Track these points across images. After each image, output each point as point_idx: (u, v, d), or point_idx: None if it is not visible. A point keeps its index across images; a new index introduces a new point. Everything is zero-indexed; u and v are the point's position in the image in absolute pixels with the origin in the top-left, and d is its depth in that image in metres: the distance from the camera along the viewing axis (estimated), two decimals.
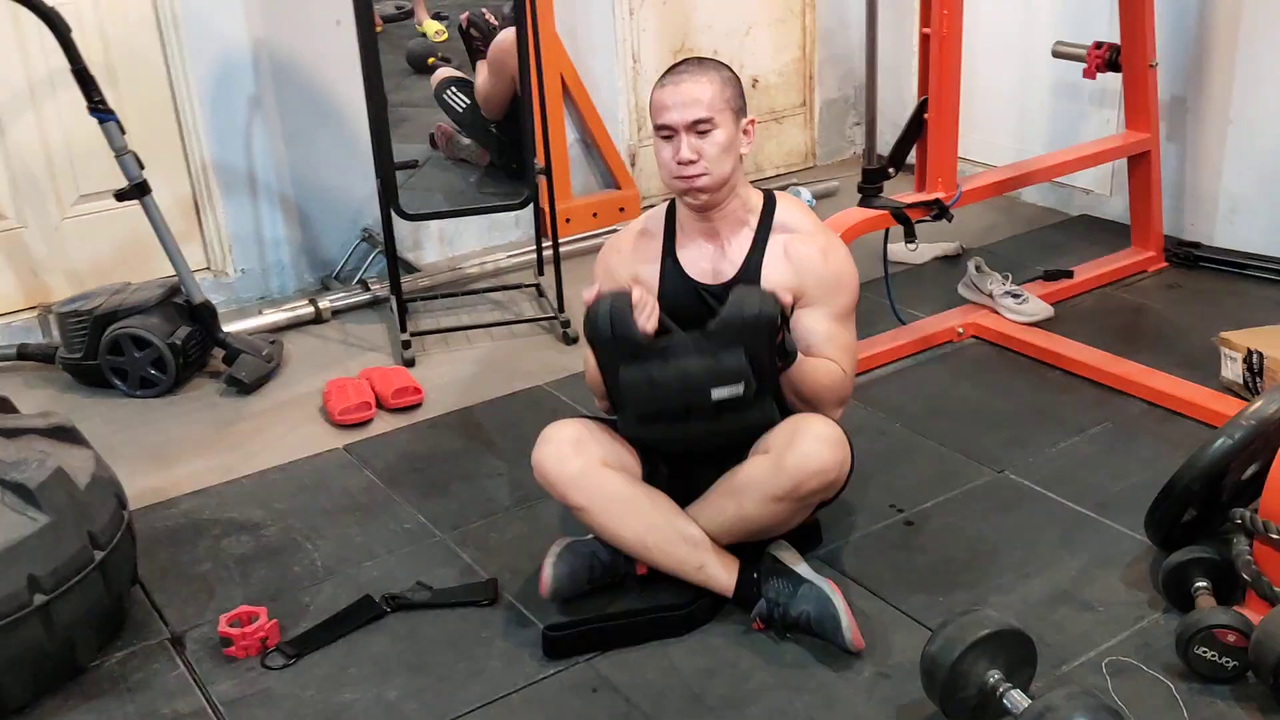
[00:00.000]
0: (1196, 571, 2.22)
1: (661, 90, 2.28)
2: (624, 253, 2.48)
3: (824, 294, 2.34)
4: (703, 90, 2.24)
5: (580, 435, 2.32)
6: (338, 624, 2.37)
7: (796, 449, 2.22)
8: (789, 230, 2.37)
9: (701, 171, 2.26)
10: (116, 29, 3.61)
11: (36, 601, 2.11)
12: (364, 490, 2.87)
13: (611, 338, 2.18)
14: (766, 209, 2.39)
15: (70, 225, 3.72)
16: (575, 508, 2.31)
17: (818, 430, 2.24)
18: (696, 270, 2.39)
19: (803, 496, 2.25)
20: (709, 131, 2.24)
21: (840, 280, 2.36)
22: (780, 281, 2.29)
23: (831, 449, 2.23)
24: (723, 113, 2.26)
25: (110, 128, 3.20)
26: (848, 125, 5.25)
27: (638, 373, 2.21)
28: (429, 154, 3.89)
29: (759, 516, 2.28)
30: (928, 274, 3.95)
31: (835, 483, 2.29)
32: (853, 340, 2.41)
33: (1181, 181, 4.00)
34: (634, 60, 4.54)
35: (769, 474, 2.24)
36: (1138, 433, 2.94)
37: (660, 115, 2.27)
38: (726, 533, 2.32)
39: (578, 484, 2.28)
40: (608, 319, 2.17)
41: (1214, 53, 3.81)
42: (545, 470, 2.31)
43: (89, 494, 2.26)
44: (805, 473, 2.21)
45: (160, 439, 3.16)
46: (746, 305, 2.16)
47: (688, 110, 2.24)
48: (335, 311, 3.87)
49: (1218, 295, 3.68)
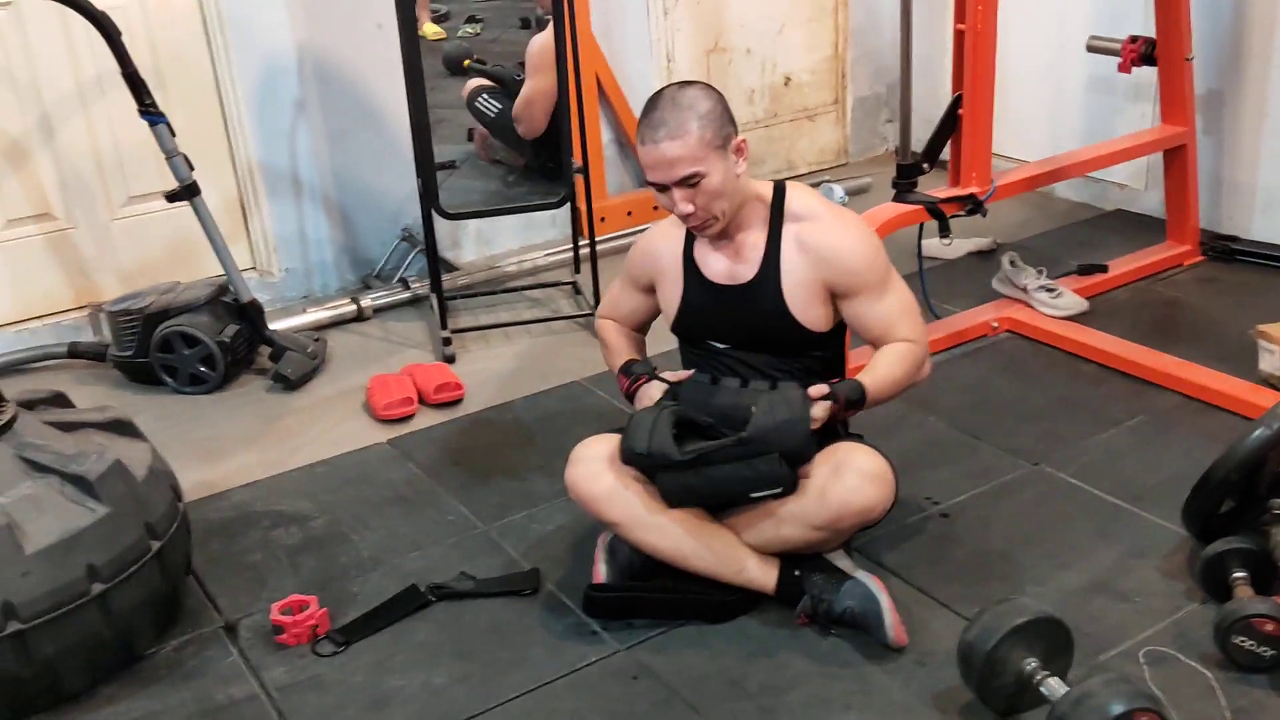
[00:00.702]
0: (1234, 562, 2.24)
1: (642, 149, 2.23)
2: (647, 251, 2.51)
3: (857, 279, 2.33)
4: (680, 147, 2.18)
5: (612, 452, 2.33)
6: (385, 612, 2.43)
7: (842, 483, 2.22)
8: (799, 219, 2.34)
9: (704, 218, 2.27)
10: (164, 33, 3.70)
11: (95, 590, 2.18)
12: (407, 483, 2.93)
13: (647, 454, 2.23)
14: (776, 201, 2.37)
15: (119, 226, 3.80)
16: (611, 523, 2.34)
17: (863, 465, 2.24)
18: (713, 272, 2.40)
19: (842, 530, 2.29)
20: (699, 182, 2.22)
21: (864, 258, 2.33)
22: (801, 278, 2.32)
23: (876, 486, 2.24)
24: (707, 158, 2.20)
25: (161, 130, 3.28)
26: (880, 122, 5.26)
27: (673, 481, 2.26)
28: (466, 155, 3.95)
29: (797, 541, 2.31)
30: (961, 269, 3.97)
31: (878, 518, 2.31)
32: (904, 298, 2.39)
33: (1218, 175, 4.00)
34: (668, 60, 4.57)
35: (811, 505, 2.25)
36: (1173, 425, 2.95)
37: (647, 173, 2.26)
38: (762, 549, 2.35)
39: (611, 500, 2.31)
40: (646, 440, 2.22)
41: (1250, 45, 3.80)
42: (578, 489, 2.35)
43: (146, 486, 2.33)
44: (849, 509, 2.23)
45: (210, 434, 3.23)
46: (778, 412, 2.20)
47: (671, 170, 2.20)
48: (377, 309, 3.94)
49: (1255, 289, 3.68)
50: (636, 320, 2.63)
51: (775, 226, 2.35)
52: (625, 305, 2.62)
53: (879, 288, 2.35)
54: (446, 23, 4.23)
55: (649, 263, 2.51)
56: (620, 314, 2.64)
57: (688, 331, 2.47)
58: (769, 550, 2.35)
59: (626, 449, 2.25)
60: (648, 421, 2.25)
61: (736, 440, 2.20)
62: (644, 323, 2.64)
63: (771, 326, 2.36)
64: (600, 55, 4.32)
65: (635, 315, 2.62)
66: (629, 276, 2.59)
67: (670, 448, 2.20)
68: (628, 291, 2.60)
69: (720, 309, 2.39)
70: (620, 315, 2.64)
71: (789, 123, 4.96)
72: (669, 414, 2.26)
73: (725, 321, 2.40)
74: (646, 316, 2.62)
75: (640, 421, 2.26)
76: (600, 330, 2.67)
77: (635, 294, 2.58)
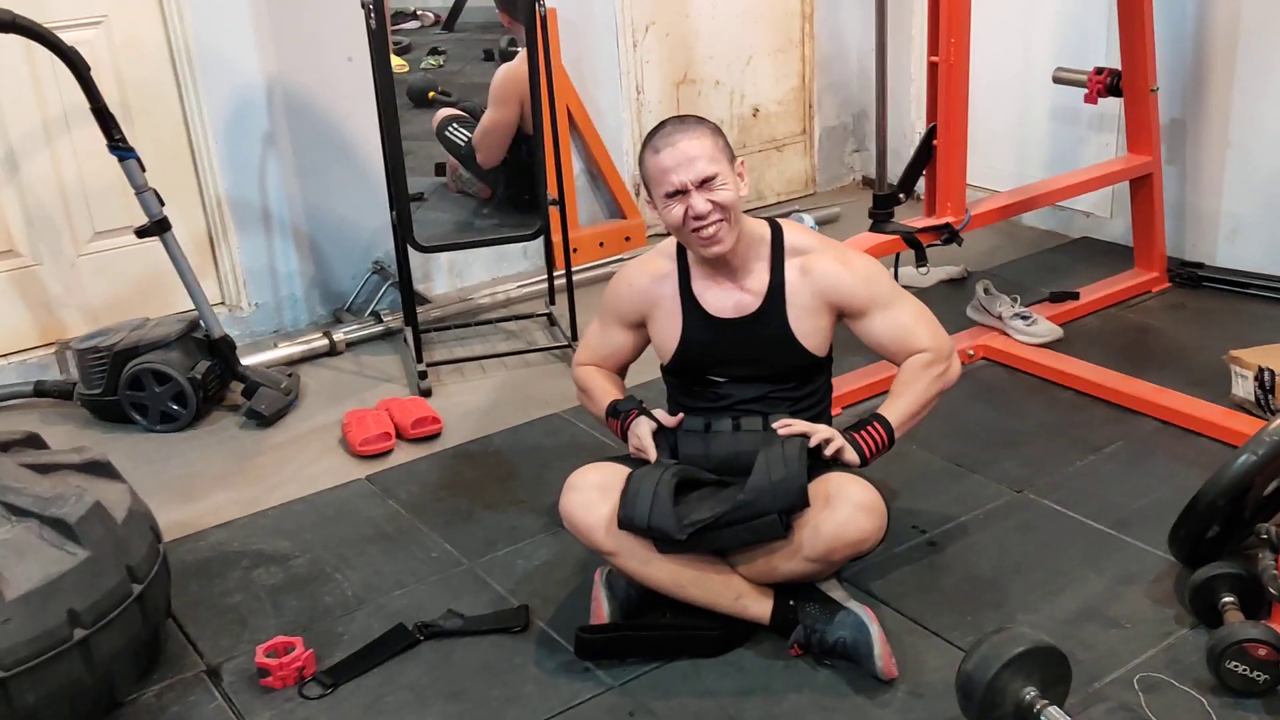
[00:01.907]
0: (1223, 587, 2.25)
1: (658, 156, 2.26)
2: (636, 287, 2.50)
3: (865, 297, 2.39)
4: (701, 146, 2.26)
5: (607, 480, 2.32)
6: (372, 653, 2.39)
7: (835, 516, 2.22)
8: (800, 252, 2.40)
9: (719, 219, 2.28)
10: (131, 67, 3.65)
11: (76, 636, 2.12)
12: (389, 520, 2.89)
13: (647, 529, 2.22)
14: (776, 237, 2.42)
15: (85, 262, 3.74)
16: (606, 553, 2.32)
17: (855, 497, 2.24)
18: (715, 307, 2.41)
19: (835, 561, 2.29)
20: (716, 185, 2.26)
21: (868, 275, 2.42)
22: (806, 305, 2.35)
23: (869, 517, 2.24)
24: (721, 162, 2.27)
25: (130, 165, 3.24)
26: (847, 152, 5.31)
27: (674, 548, 2.25)
28: (433, 187, 3.93)
29: (789, 572, 2.30)
30: (934, 297, 3.99)
31: (871, 549, 2.31)
32: (915, 306, 2.46)
33: (1182, 203, 4.07)
34: (638, 91, 4.59)
35: (805, 537, 2.24)
36: (1153, 451, 2.98)
37: (665, 179, 2.26)
38: (754, 580, 2.34)
39: (608, 529, 2.28)
40: (646, 513, 2.21)
41: (1212, 76, 3.88)
42: (574, 518, 2.32)
43: (126, 528, 2.28)
44: (842, 541, 2.23)
45: (183, 473, 3.17)
46: (774, 471, 2.20)
47: (694, 168, 2.24)
48: (349, 343, 3.90)
49: (1222, 314, 3.73)
50: (619, 361, 2.60)
51: (778, 260, 2.38)
52: (607, 346, 2.58)
53: (887, 301, 2.41)
54: (408, 55, 4.21)
55: (640, 300, 2.49)
56: (601, 356, 2.60)
57: (686, 366, 2.46)
58: (761, 581, 2.34)
59: (625, 518, 2.23)
60: (649, 491, 2.22)
61: (735, 506, 2.20)
62: (626, 363, 2.62)
63: (776, 354, 2.38)
64: (571, 86, 4.33)
65: (618, 355, 2.59)
66: (612, 315, 2.56)
67: (672, 525, 2.19)
68: (610, 331, 2.57)
69: (723, 342, 2.39)
70: (602, 358, 2.60)
71: (758, 153, 4.99)
72: (670, 480, 2.24)
73: (727, 354, 2.40)
74: (630, 355, 2.60)
75: (640, 491, 2.23)
76: (580, 379, 2.62)
77: (620, 332, 2.55)
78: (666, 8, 4.57)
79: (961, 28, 3.15)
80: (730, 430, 2.38)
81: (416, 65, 4.03)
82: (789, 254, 2.40)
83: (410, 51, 4.17)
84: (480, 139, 3.72)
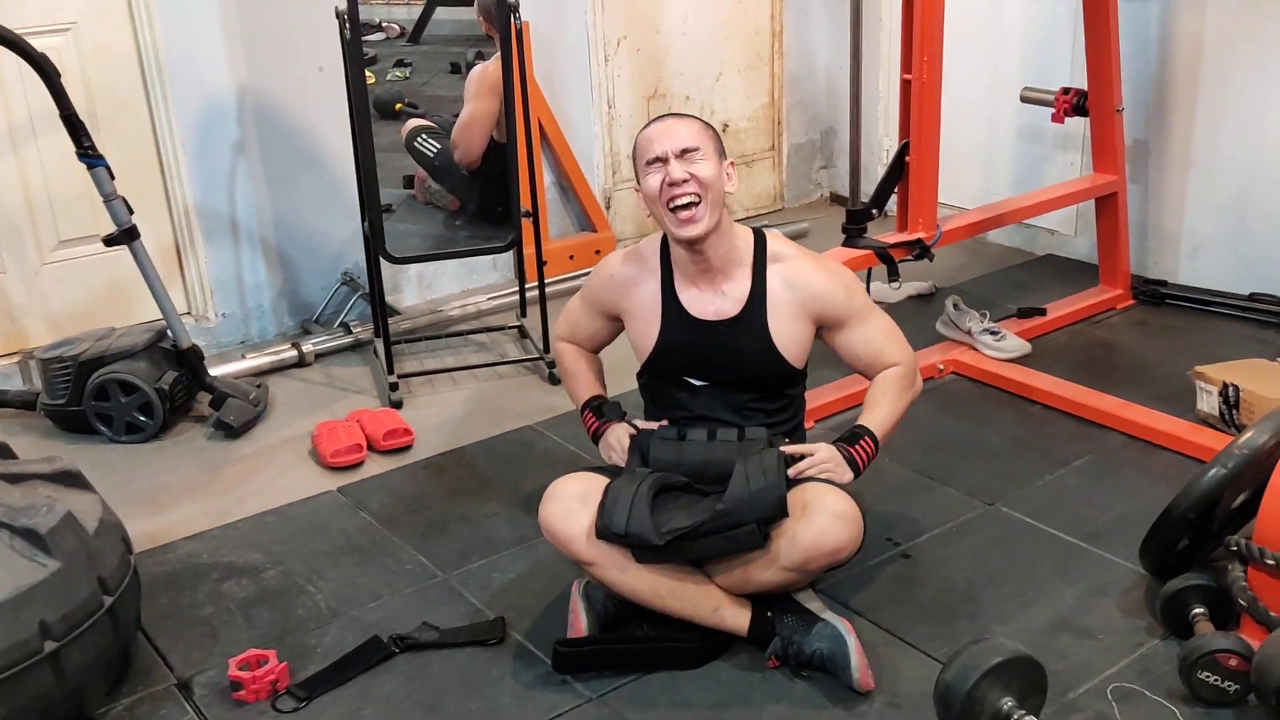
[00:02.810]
0: (1194, 598, 2.28)
1: (647, 130, 2.38)
2: (614, 276, 2.53)
3: (842, 306, 2.44)
4: (689, 126, 2.36)
5: (587, 490, 2.32)
6: (347, 665, 2.36)
7: (813, 525, 2.23)
8: (781, 259, 2.44)
9: (694, 190, 2.29)
10: (100, 74, 3.62)
11: (47, 649, 2.08)
12: (361, 532, 2.87)
13: (625, 536, 2.23)
14: (759, 245, 2.45)
15: (50, 270, 3.69)
16: (586, 563, 2.31)
17: (832, 506, 2.25)
18: (697, 310, 2.43)
19: (812, 570, 2.30)
20: (696, 159, 2.31)
21: (848, 286, 2.48)
22: (788, 313, 2.38)
23: (846, 526, 2.24)
24: (707, 145, 2.34)
25: (99, 173, 3.20)
26: (814, 169, 5.35)
27: (652, 556, 2.26)
28: (400, 198, 3.91)
29: (766, 582, 2.31)
30: (903, 311, 4.02)
31: (847, 559, 2.32)
32: (886, 321, 2.52)
33: (1145, 221, 4.13)
34: (609, 105, 4.60)
35: (782, 546, 2.25)
36: (1120, 465, 3.02)
37: (649, 148, 2.34)
38: (732, 589, 2.34)
39: (587, 539, 2.28)
40: (624, 521, 2.21)
41: (1175, 98, 3.95)
42: (554, 528, 2.32)
43: (98, 539, 2.24)
44: (819, 550, 2.24)
45: (150, 484, 3.13)
46: (753, 481, 2.22)
47: (676, 140, 2.32)
48: (318, 354, 3.87)
49: (1184, 331, 3.79)
50: (596, 343, 2.68)
51: (759, 266, 2.41)
52: (586, 328, 2.65)
53: (863, 315, 2.46)
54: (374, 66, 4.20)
55: (618, 293, 2.52)
56: (580, 336, 2.67)
57: (664, 368, 2.47)
58: (739, 591, 2.34)
59: (603, 527, 2.24)
60: (626, 499, 2.23)
61: (714, 515, 2.21)
62: (602, 344, 2.70)
63: (755, 361, 2.40)
64: (543, 99, 4.33)
65: (595, 338, 2.67)
66: (591, 300, 2.61)
67: (649, 531, 2.20)
68: (589, 315, 2.63)
69: (703, 345, 2.41)
70: (580, 337, 2.67)
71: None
72: (647, 490, 2.25)
73: (706, 358, 2.41)
74: (606, 338, 2.68)
75: (619, 499, 2.24)
76: (559, 355, 2.71)
77: (596, 318, 2.62)
78: (638, 23, 4.59)
79: (934, 46, 3.19)
80: (705, 439, 2.40)
81: (383, 77, 4.02)
82: (771, 260, 2.43)
83: (376, 63, 4.15)
84: (461, 133, 3.68)
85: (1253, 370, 3.13)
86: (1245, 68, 3.76)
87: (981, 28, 4.44)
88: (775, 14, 4.95)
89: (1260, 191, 3.82)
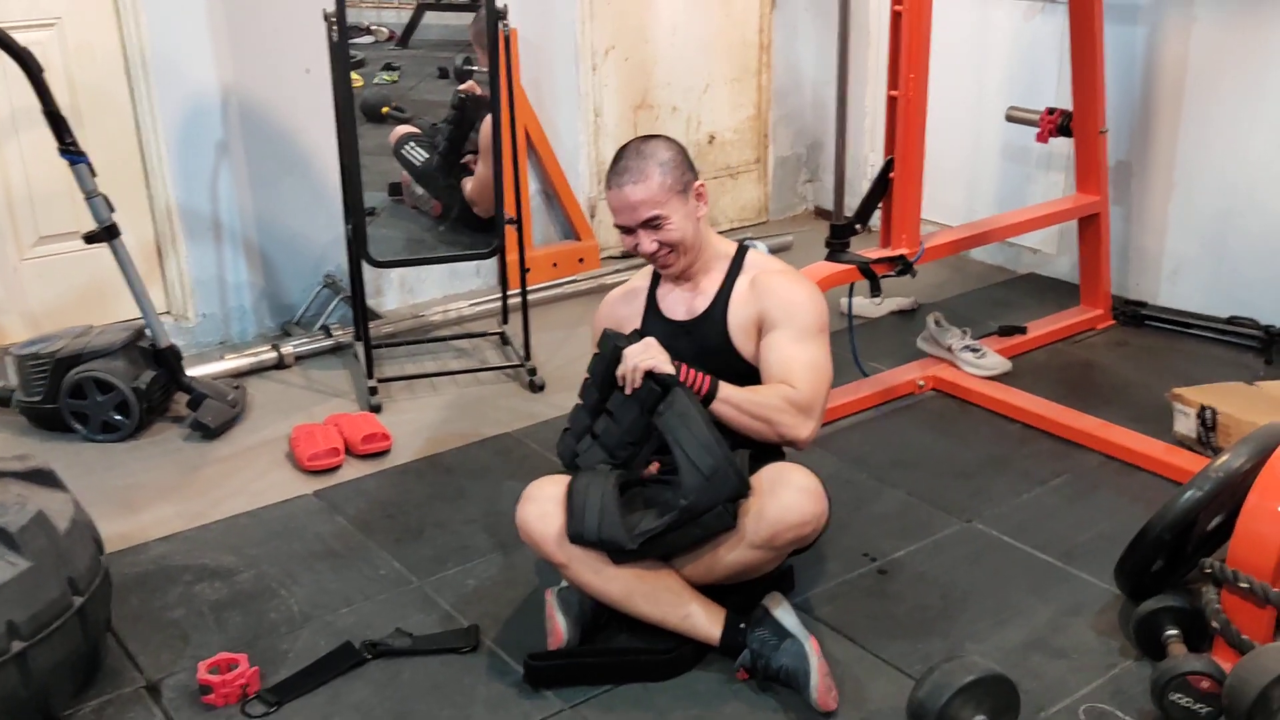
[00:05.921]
0: (1167, 620, 2.29)
1: (609, 194, 2.41)
2: (612, 304, 2.63)
3: (782, 315, 2.41)
4: (644, 190, 2.35)
5: (564, 493, 2.32)
6: (318, 671, 2.35)
7: (778, 499, 2.26)
8: (756, 267, 2.50)
9: (667, 256, 2.43)
10: (84, 71, 3.60)
11: (14, 649, 2.06)
12: (336, 536, 2.85)
13: (598, 542, 2.24)
14: (738, 256, 2.53)
15: (28, 267, 3.67)
16: (559, 565, 2.32)
17: (799, 482, 2.29)
18: (672, 310, 2.52)
19: (779, 546, 2.30)
20: (661, 223, 2.38)
21: (797, 301, 2.42)
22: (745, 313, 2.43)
23: (812, 500, 2.27)
24: (668, 202, 2.37)
25: (81, 170, 3.18)
26: (800, 182, 5.36)
27: (626, 557, 2.27)
28: (384, 203, 3.90)
29: (733, 561, 2.31)
30: (885, 327, 4.04)
31: (813, 534, 2.33)
32: (818, 359, 2.40)
33: (1126, 242, 4.15)
34: (595, 114, 4.60)
35: (749, 523, 2.27)
36: (1097, 485, 3.03)
37: (615, 217, 2.42)
38: (701, 575, 2.35)
39: (561, 541, 2.29)
40: (596, 526, 2.23)
41: (1159, 121, 3.98)
42: (529, 529, 2.33)
43: (69, 539, 2.22)
44: (784, 524, 2.25)
45: (124, 484, 3.11)
46: (699, 461, 2.21)
47: (635, 213, 2.38)
48: (298, 357, 3.85)
49: (1163, 353, 3.81)
50: None
51: (732, 274, 2.49)
52: None
53: (799, 335, 2.40)
54: (362, 69, 4.19)
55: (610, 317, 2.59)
56: None
57: None
58: (706, 579, 2.34)
59: (575, 533, 2.25)
60: (595, 503, 2.23)
61: (680, 511, 2.21)
62: None
63: (716, 358, 2.44)
64: (529, 107, 4.33)
65: None
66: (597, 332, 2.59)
67: (621, 536, 2.22)
68: None
69: (674, 343, 2.41)
70: None
71: (712, 180, 5.01)
72: (613, 491, 2.25)
73: (678, 354, 2.37)
74: None
75: (588, 504, 2.24)
76: None
77: None
78: (626, 33, 4.59)
79: (921, 63, 3.20)
80: (611, 423, 2.35)
81: (371, 80, 4.01)
82: (745, 269, 2.50)
83: (364, 66, 4.14)
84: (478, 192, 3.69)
85: (1230, 393, 3.14)
86: (1228, 92, 3.79)
87: (968, 47, 4.46)
88: (764, 27, 4.96)
89: (1241, 216, 3.85)
